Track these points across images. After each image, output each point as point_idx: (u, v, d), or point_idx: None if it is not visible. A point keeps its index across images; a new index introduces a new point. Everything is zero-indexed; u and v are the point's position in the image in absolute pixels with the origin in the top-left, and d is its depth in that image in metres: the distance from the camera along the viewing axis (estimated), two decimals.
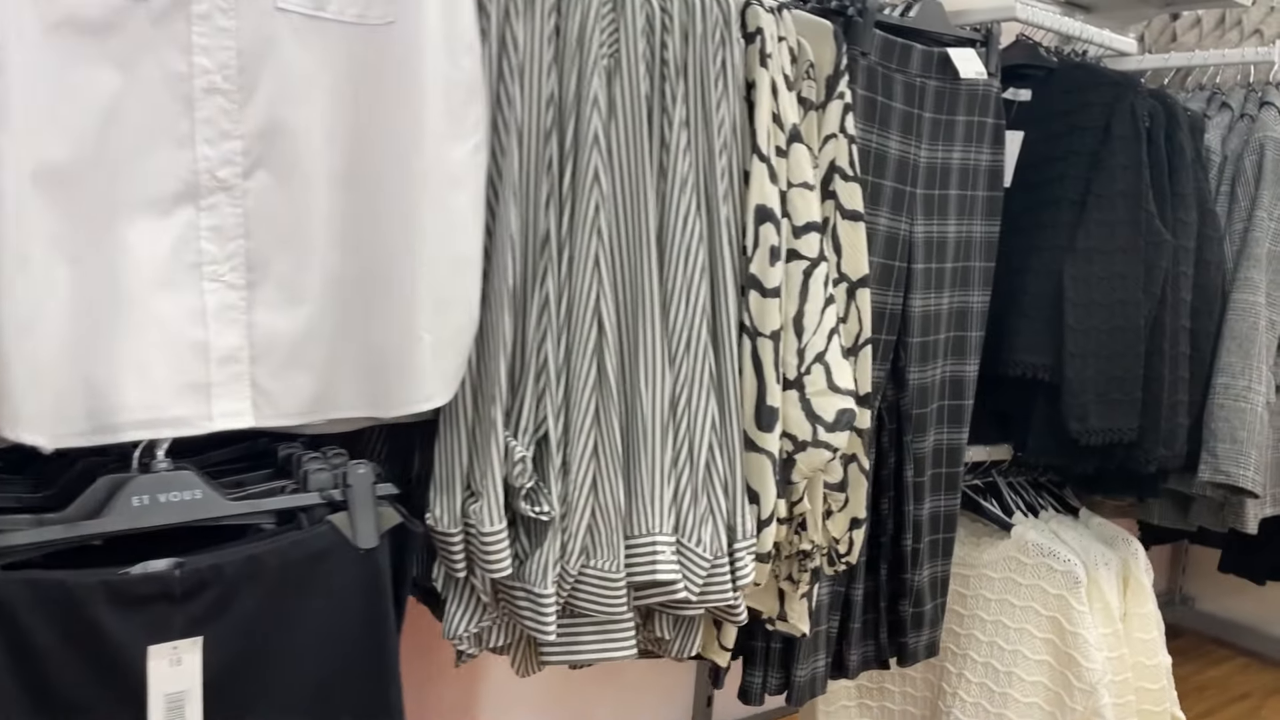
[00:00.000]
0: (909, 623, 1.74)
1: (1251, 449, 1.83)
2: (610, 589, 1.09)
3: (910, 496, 1.69)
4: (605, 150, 1.10)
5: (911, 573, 1.72)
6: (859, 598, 1.70)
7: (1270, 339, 1.92)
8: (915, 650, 1.77)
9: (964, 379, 1.75)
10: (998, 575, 1.93)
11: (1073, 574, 1.85)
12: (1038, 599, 1.88)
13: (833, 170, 1.32)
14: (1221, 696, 3.06)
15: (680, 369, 1.13)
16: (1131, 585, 1.98)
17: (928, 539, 1.75)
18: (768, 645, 1.57)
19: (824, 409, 1.23)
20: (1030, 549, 1.90)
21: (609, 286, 1.10)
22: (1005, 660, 1.89)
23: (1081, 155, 1.77)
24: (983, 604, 1.94)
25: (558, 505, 1.08)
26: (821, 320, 1.22)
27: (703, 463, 1.14)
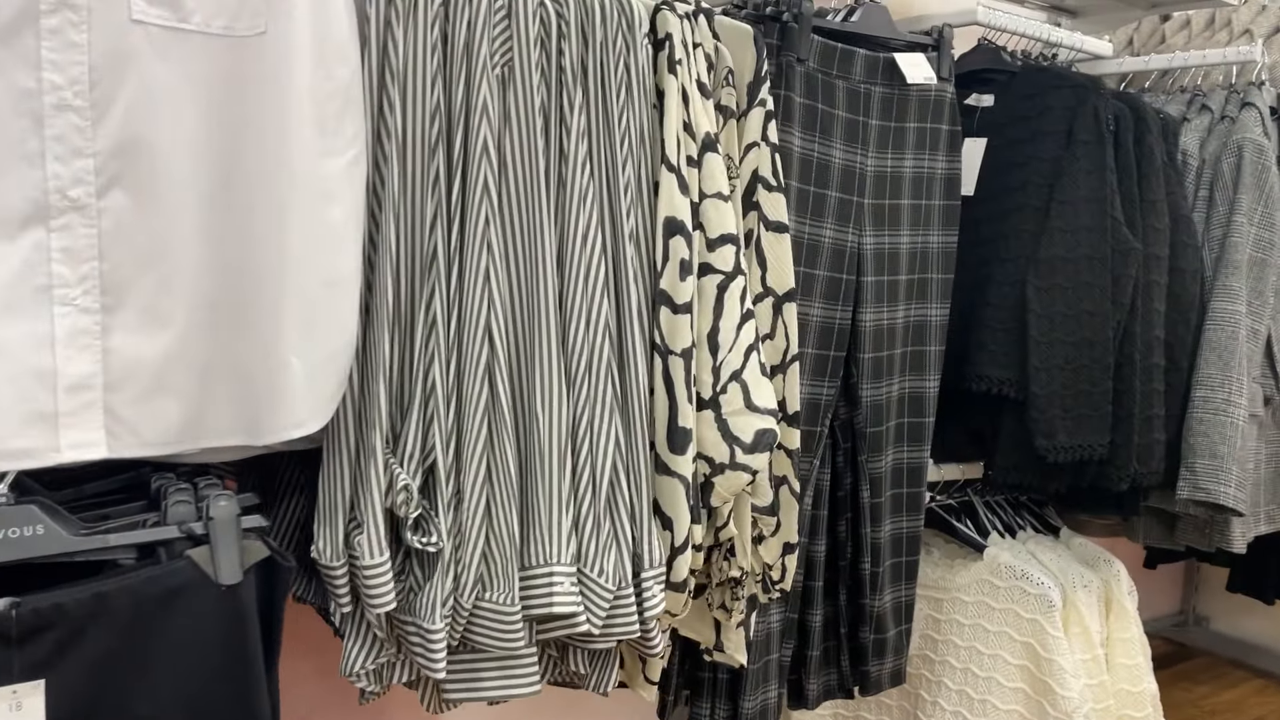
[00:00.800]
0: (870, 650, 1.66)
1: (1233, 465, 1.73)
2: (506, 623, 1.03)
3: (868, 518, 1.62)
4: (497, 162, 1.05)
5: (871, 598, 1.64)
6: (817, 624, 1.63)
7: (1253, 349, 1.82)
8: (879, 679, 1.69)
9: (924, 395, 1.67)
10: (971, 599, 1.85)
11: (1047, 597, 1.76)
12: (1012, 624, 1.79)
13: (756, 180, 1.25)
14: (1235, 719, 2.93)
15: (581, 390, 1.07)
16: (1114, 609, 1.88)
17: (889, 563, 1.68)
18: (715, 676, 1.50)
19: (742, 429, 1.16)
20: (1003, 571, 1.82)
21: (501, 305, 1.04)
22: (980, 688, 1.80)
23: (1044, 161, 1.69)
24: (956, 629, 1.86)
25: (448, 536, 1.02)
26: (738, 337, 1.16)
27: (605, 488, 1.07)
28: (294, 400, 0.95)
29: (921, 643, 1.91)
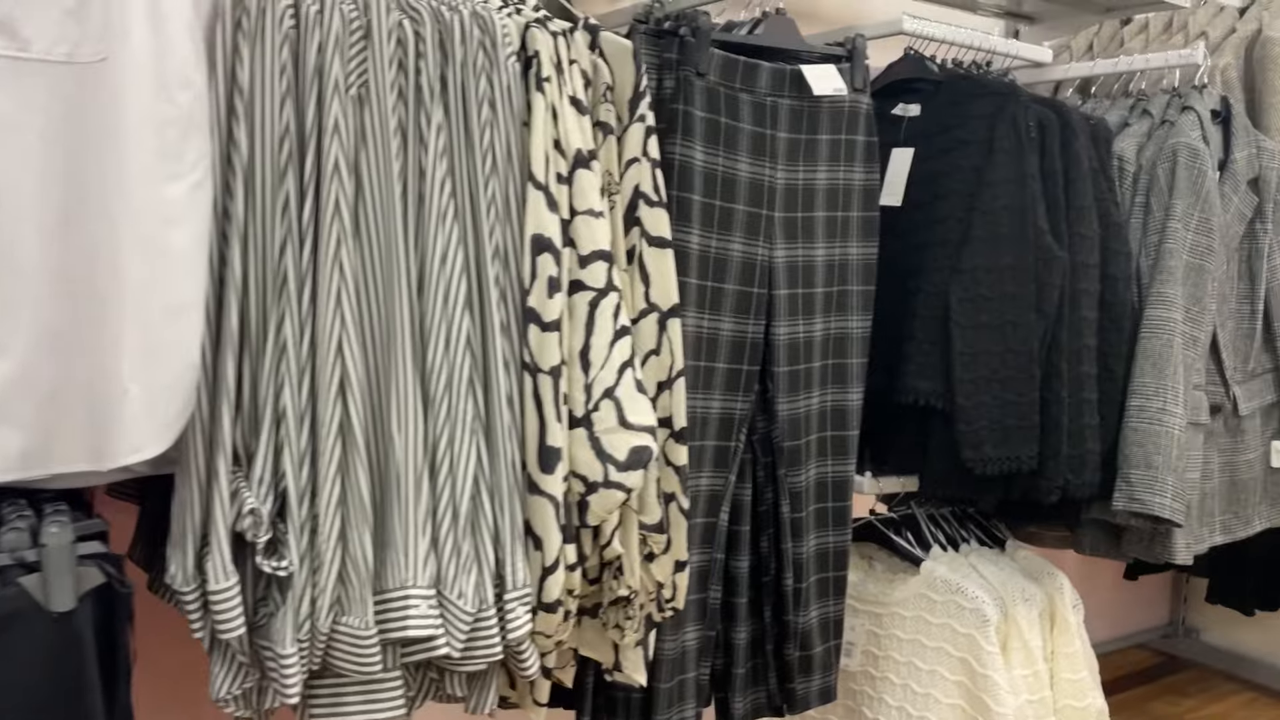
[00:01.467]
0: (796, 667, 1.63)
1: (1168, 475, 1.68)
2: (362, 647, 1.02)
3: (789, 534, 1.59)
4: (351, 182, 1.04)
5: (795, 614, 1.61)
6: (742, 642, 1.60)
7: (1191, 356, 1.78)
8: (806, 696, 1.66)
9: (846, 409, 1.65)
10: (909, 614, 1.81)
11: (980, 612, 1.72)
12: (948, 639, 1.76)
13: (637, 196, 1.24)
14: None
15: (440, 410, 1.06)
16: (1058, 622, 1.84)
17: (814, 578, 1.65)
18: (628, 695, 1.48)
19: (616, 447, 1.14)
20: (939, 586, 1.78)
21: (354, 325, 1.03)
22: (919, 704, 1.77)
23: (966, 170, 1.66)
24: (896, 644, 1.82)
25: (303, 559, 1.01)
26: (610, 354, 1.14)
27: (466, 509, 1.06)
28: (133, 426, 0.94)
29: (864, 659, 1.88)
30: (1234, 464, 2.00)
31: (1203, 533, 1.96)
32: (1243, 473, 2.00)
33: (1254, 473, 2.02)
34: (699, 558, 1.52)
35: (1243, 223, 1.94)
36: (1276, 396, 2.02)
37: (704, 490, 1.51)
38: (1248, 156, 1.93)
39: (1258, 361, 1.99)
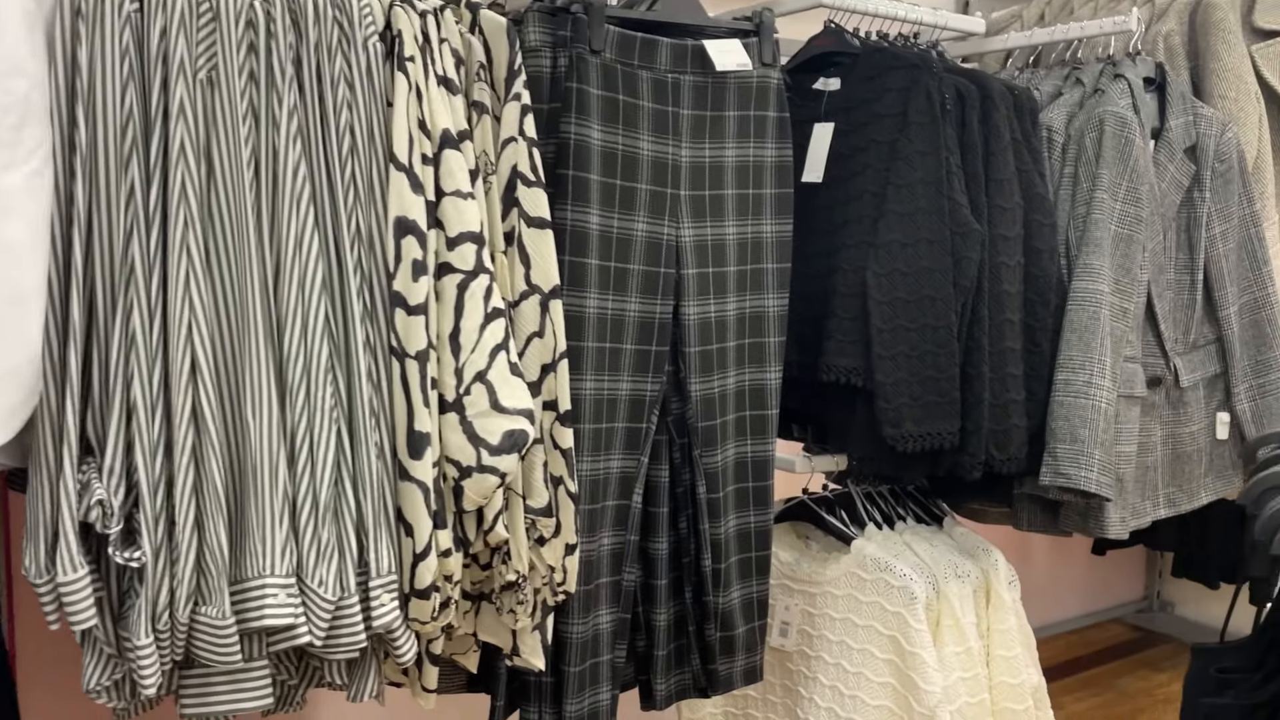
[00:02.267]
0: (719, 649, 1.61)
1: (1095, 449, 1.65)
2: (221, 637, 1.00)
3: (706, 515, 1.57)
4: (199, 166, 1.01)
5: (715, 595, 1.58)
6: (663, 624, 1.58)
7: (1121, 328, 1.74)
8: (729, 677, 1.63)
9: (764, 388, 1.62)
10: (840, 593, 1.79)
11: (909, 590, 1.69)
12: (878, 617, 1.73)
13: (515, 176, 1.21)
14: None
15: (298, 397, 1.04)
16: (992, 599, 1.81)
17: (735, 559, 1.62)
18: (540, 680, 1.46)
19: (489, 431, 1.12)
20: (869, 564, 1.75)
21: (205, 311, 1.01)
22: (850, 683, 1.74)
23: (881, 144, 1.63)
24: (828, 623, 1.80)
25: (157, 551, 0.99)
26: (482, 337, 1.12)
27: (326, 497, 1.04)
28: None
29: (799, 638, 1.86)
30: (1177, 436, 1.96)
31: (1144, 506, 1.92)
32: (1186, 445, 1.96)
33: (1198, 445, 1.98)
34: (612, 540, 1.50)
35: (1180, 191, 1.89)
36: (1220, 367, 1.98)
37: (616, 473, 1.48)
38: (1184, 124, 1.89)
39: (1199, 333, 1.95)
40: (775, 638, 1.88)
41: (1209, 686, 0.96)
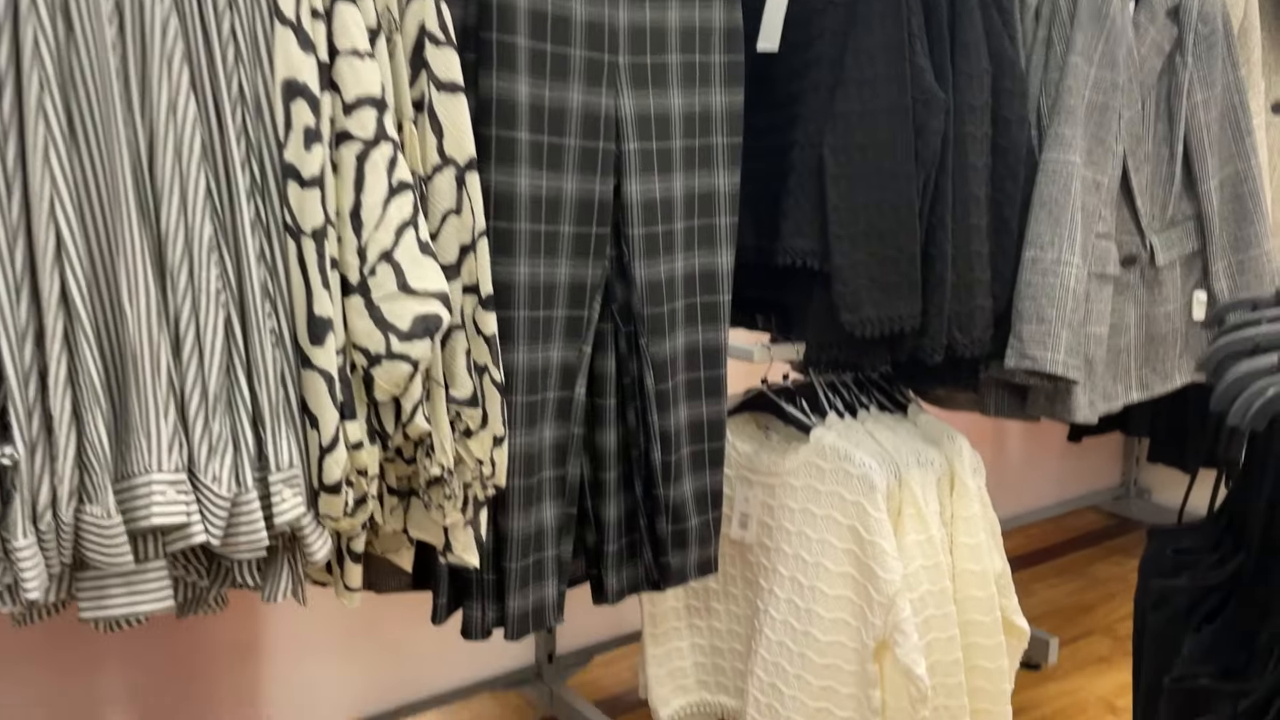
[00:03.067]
0: (670, 542, 1.55)
1: (1062, 329, 1.57)
2: (108, 537, 0.93)
3: (654, 406, 1.49)
4: (55, 23, 0.90)
5: (666, 488, 1.52)
6: (612, 518, 1.52)
7: (1094, 202, 1.64)
8: (682, 570, 1.58)
9: (715, 271, 1.53)
10: (799, 483, 1.72)
11: (868, 479, 1.63)
12: (837, 507, 1.67)
13: (423, 35, 1.09)
14: None
15: (179, 280, 0.94)
16: (956, 486, 1.75)
17: (687, 450, 1.55)
18: (481, 577, 1.40)
19: (397, 315, 1.03)
20: (828, 454, 1.69)
21: (67, 186, 0.91)
22: (809, 574, 1.69)
23: (839, 7, 1.50)
24: (787, 515, 1.74)
25: (33, 446, 0.91)
26: (385, 213, 1.02)
27: (216, 387, 0.95)
28: None
29: (759, 530, 1.80)
30: (1152, 317, 1.88)
31: (1115, 390, 1.85)
32: (1161, 326, 1.88)
33: (1174, 325, 1.90)
34: (555, 433, 1.42)
35: (1160, 57, 1.77)
36: (1198, 245, 1.88)
37: (556, 362, 1.40)
38: None
39: (1177, 208, 1.85)
40: (735, 530, 1.83)
41: (1165, 568, 0.90)
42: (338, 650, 1.93)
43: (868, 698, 1.63)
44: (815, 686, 1.68)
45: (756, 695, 1.75)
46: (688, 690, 1.96)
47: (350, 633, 1.94)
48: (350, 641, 1.94)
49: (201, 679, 1.78)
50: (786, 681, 1.71)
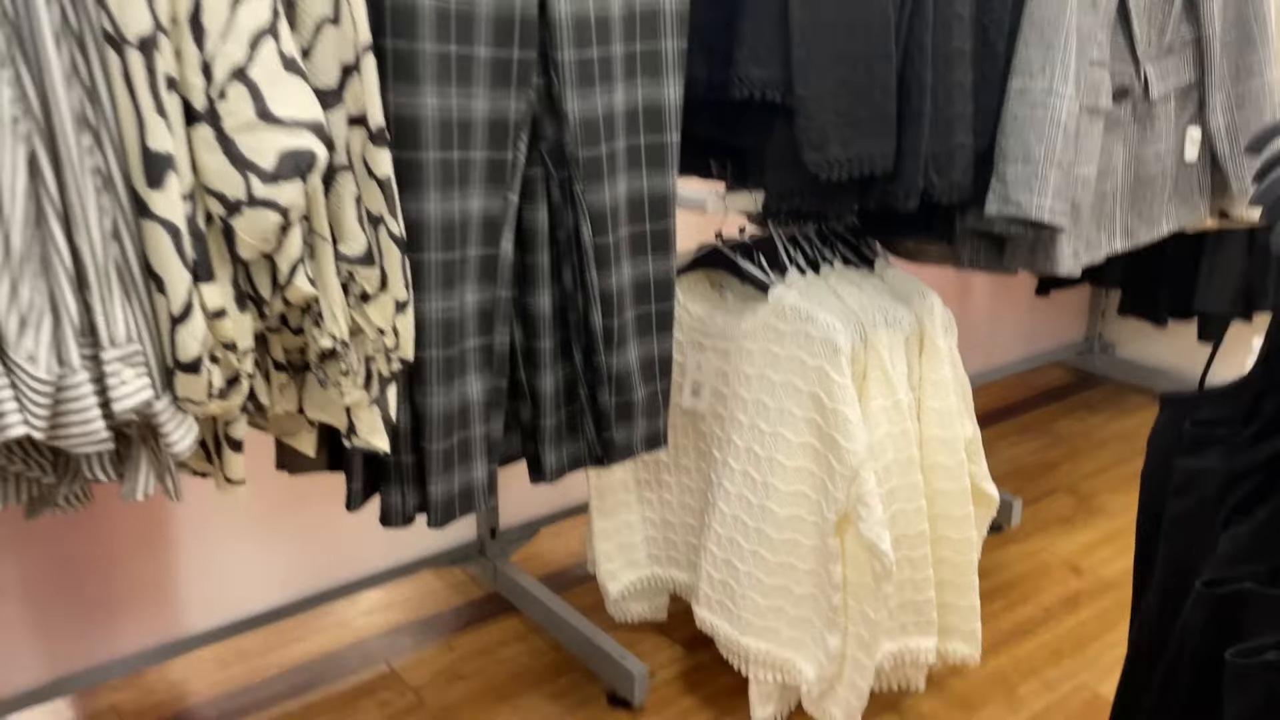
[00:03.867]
0: (614, 415, 1.39)
1: (1050, 170, 1.39)
2: None
3: (593, 263, 1.31)
4: None
5: (608, 355, 1.35)
6: (549, 390, 1.35)
7: (1090, 23, 1.44)
8: (628, 445, 1.43)
9: (661, 106, 1.32)
10: (756, 347, 1.57)
11: (831, 341, 1.47)
12: (797, 372, 1.52)
13: None
14: (1124, 449, 2.74)
15: None
16: (926, 348, 1.60)
17: (632, 313, 1.38)
18: (399, 459, 1.24)
19: (257, 151, 0.82)
20: (788, 314, 1.52)
21: None
22: (767, 445, 1.55)
23: None
24: (743, 381, 1.58)
25: None
26: (235, 17, 0.80)
27: (21, 243, 0.76)
28: None
29: (713, 398, 1.65)
30: (1141, 157, 1.70)
31: (1099, 239, 1.69)
32: (1151, 167, 1.71)
33: (1163, 166, 1.73)
34: (478, 296, 1.24)
35: None
36: (1194, 75, 1.70)
37: (476, 215, 1.20)
38: None
39: (1176, 33, 1.65)
40: (686, 398, 1.68)
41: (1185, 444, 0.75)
42: (259, 532, 1.78)
43: (828, 573, 1.52)
44: (772, 562, 1.56)
45: (709, 571, 1.64)
46: (638, 565, 1.85)
47: (274, 512, 1.79)
48: (274, 521, 1.79)
49: (102, 570, 1.62)
50: (742, 557, 1.59)
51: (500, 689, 1.75)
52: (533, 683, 1.77)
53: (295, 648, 1.86)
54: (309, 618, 1.94)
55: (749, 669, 1.62)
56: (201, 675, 1.78)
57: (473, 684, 1.77)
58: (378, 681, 1.77)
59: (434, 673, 1.80)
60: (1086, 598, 2.06)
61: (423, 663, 1.82)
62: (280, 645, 1.86)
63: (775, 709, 1.67)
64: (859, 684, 1.56)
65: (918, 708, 1.72)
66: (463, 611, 1.98)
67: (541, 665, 1.82)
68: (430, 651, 1.86)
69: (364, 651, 1.85)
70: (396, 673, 1.79)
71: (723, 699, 1.74)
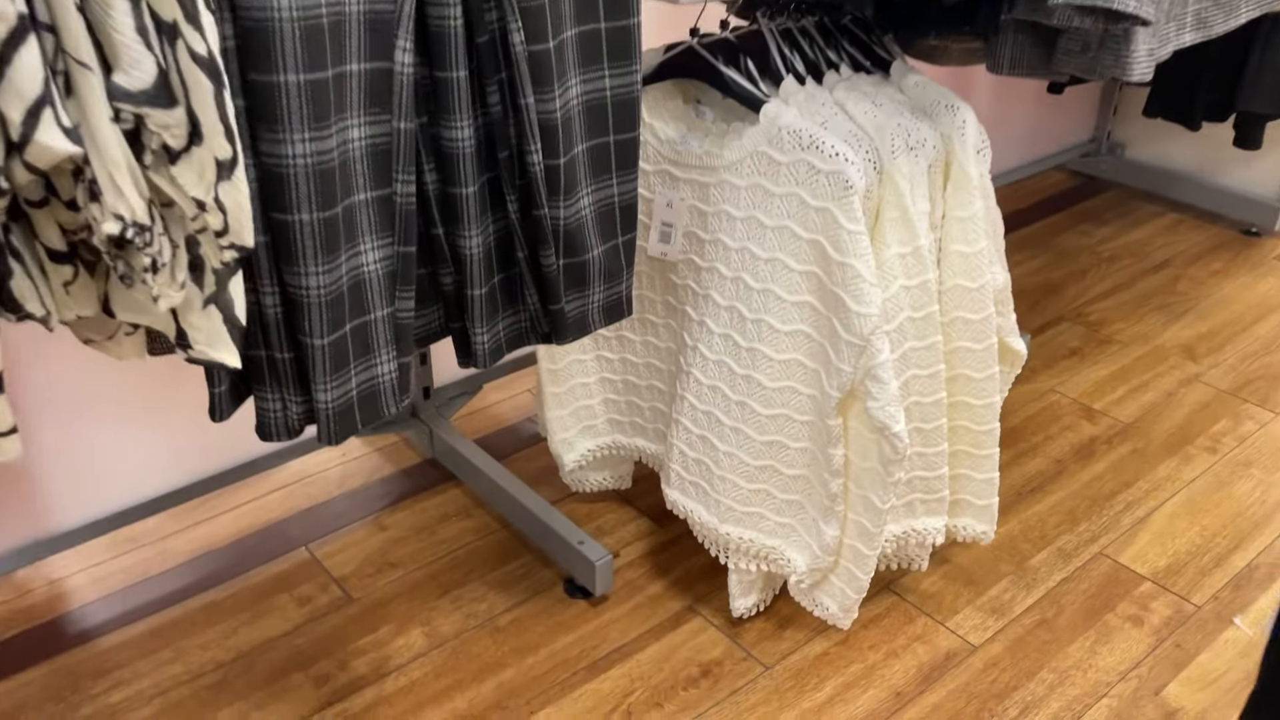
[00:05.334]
0: (562, 280, 1.08)
1: None
2: None
3: (527, 77, 0.96)
4: None
5: (552, 204, 1.02)
6: (476, 250, 1.03)
7: None
8: (581, 318, 1.13)
9: None
10: (744, 182, 1.24)
11: (841, 176, 1.15)
12: (796, 217, 1.20)
13: None
14: (1134, 266, 2.48)
15: None
16: (954, 176, 1.29)
17: (582, 146, 1.04)
18: (271, 356, 0.93)
19: None
20: (786, 140, 1.19)
21: None
22: (754, 304, 1.26)
23: None
24: (726, 225, 1.27)
25: None
26: None
27: None
28: None
29: (687, 243, 1.34)
30: None
31: (1168, 30, 1.35)
32: None
33: None
34: (368, 131, 0.89)
35: None
36: None
37: (357, 7, 0.84)
38: None
39: None
40: (653, 244, 1.36)
41: None
42: (141, 412, 1.48)
43: (826, 457, 1.26)
44: (758, 442, 1.30)
45: (682, 448, 1.38)
46: (597, 432, 1.59)
47: (149, 389, 1.48)
48: (151, 400, 1.49)
49: None
50: (721, 435, 1.32)
51: (439, 577, 1.52)
52: (477, 569, 1.54)
53: (197, 533, 1.61)
54: (214, 499, 1.67)
55: (728, 558, 1.40)
56: (87, 571, 1.52)
57: (407, 572, 1.53)
58: (296, 572, 1.53)
59: (362, 559, 1.56)
60: (1101, 446, 1.84)
61: (349, 546, 1.58)
62: (179, 530, 1.61)
63: (758, 598, 1.46)
64: (858, 576, 1.34)
65: (917, 586, 1.53)
66: (394, 483, 1.72)
67: (488, 547, 1.59)
68: (358, 533, 1.61)
69: (280, 535, 1.60)
70: (318, 560, 1.55)
71: (698, 583, 1.53)
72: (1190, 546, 1.60)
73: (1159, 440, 1.86)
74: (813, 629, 1.45)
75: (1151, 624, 1.46)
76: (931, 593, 1.51)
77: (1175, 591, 1.52)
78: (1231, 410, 1.94)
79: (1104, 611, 1.48)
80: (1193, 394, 2.00)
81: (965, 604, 1.50)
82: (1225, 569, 1.56)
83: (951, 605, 1.49)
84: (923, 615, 1.47)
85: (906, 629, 1.45)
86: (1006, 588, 1.53)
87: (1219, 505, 1.69)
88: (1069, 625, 1.46)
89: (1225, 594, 1.51)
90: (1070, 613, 1.48)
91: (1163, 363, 2.10)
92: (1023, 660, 1.40)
